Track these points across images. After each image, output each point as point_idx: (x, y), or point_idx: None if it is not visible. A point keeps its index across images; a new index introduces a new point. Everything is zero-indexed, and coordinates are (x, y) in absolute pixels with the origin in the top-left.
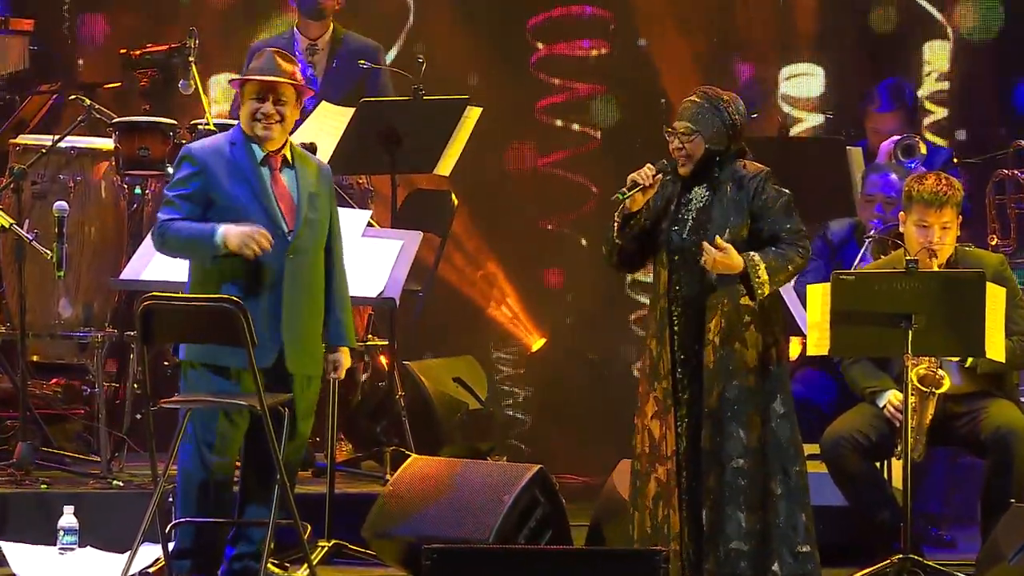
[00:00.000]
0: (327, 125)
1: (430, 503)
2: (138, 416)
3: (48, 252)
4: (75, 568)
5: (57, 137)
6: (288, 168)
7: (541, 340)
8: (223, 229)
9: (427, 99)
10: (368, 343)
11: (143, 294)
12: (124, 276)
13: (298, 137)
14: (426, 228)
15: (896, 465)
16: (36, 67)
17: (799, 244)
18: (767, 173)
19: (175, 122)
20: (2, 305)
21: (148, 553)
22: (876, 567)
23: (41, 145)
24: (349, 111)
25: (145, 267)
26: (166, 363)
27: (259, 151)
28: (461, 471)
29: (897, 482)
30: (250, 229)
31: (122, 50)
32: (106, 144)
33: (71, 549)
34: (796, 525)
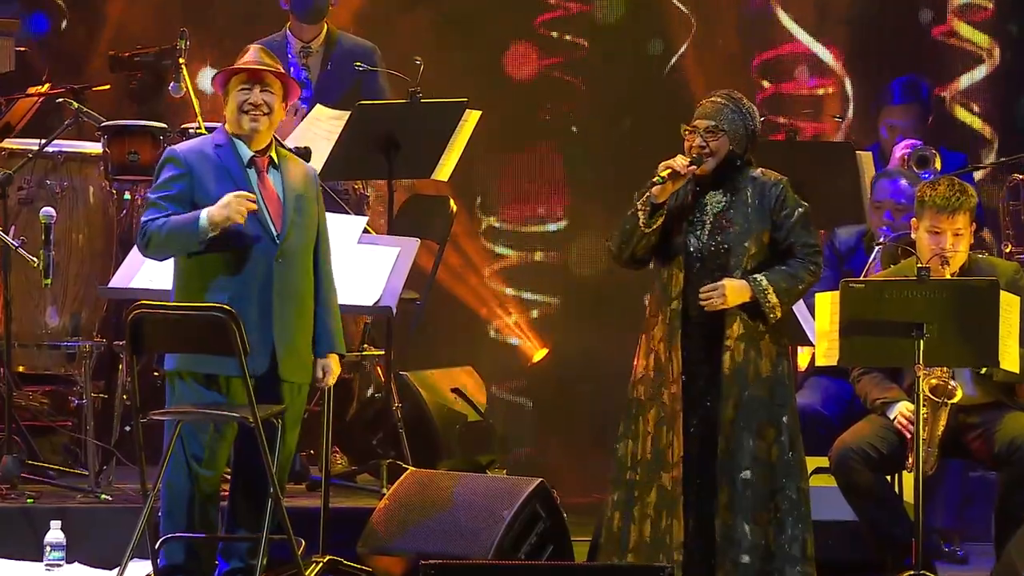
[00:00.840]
0: (322, 129)
1: (428, 518)
2: (127, 428)
3: (35, 260)
4: None
5: (44, 141)
6: (274, 169)
7: (543, 350)
8: (206, 211)
9: (425, 102)
10: (364, 353)
11: (132, 302)
12: (113, 284)
13: (292, 141)
14: (424, 234)
15: (907, 478)
16: (22, 69)
17: (812, 261)
18: (787, 182)
19: (165, 126)
20: None
21: (137, 569)
22: None
23: (28, 149)
24: (344, 115)
25: (134, 275)
26: (156, 374)
27: (246, 152)
28: (459, 485)
29: (908, 496)
30: (227, 197)
31: (111, 51)
32: (94, 148)
33: (58, 565)
34: (799, 544)
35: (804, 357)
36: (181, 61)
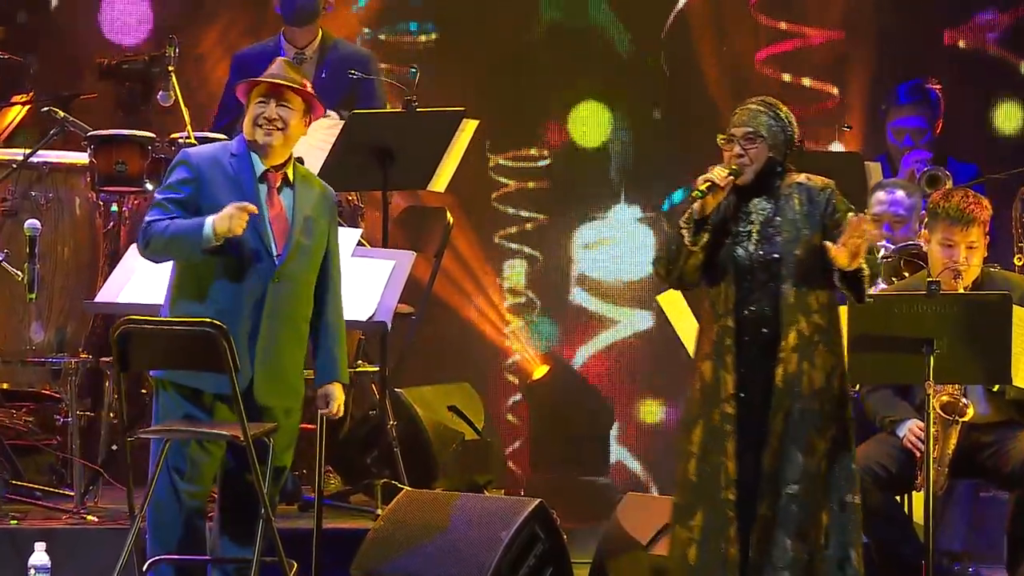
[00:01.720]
0: (315, 139)
1: (423, 539)
2: (114, 447)
3: (19, 273)
4: None
5: (29, 151)
6: (288, 187)
7: (544, 367)
8: (211, 219)
9: (421, 111)
10: (358, 369)
11: (119, 318)
12: (99, 299)
13: None
14: (420, 247)
15: (917, 498)
16: (5, 77)
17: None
18: (835, 186)
19: (154, 135)
20: None
21: None
22: None
23: (11, 160)
24: (338, 124)
25: (121, 289)
26: (143, 391)
27: (259, 165)
28: (456, 505)
29: (918, 516)
30: (228, 207)
31: (98, 59)
32: (81, 159)
33: None
34: (846, 560)
35: None
36: (170, 69)
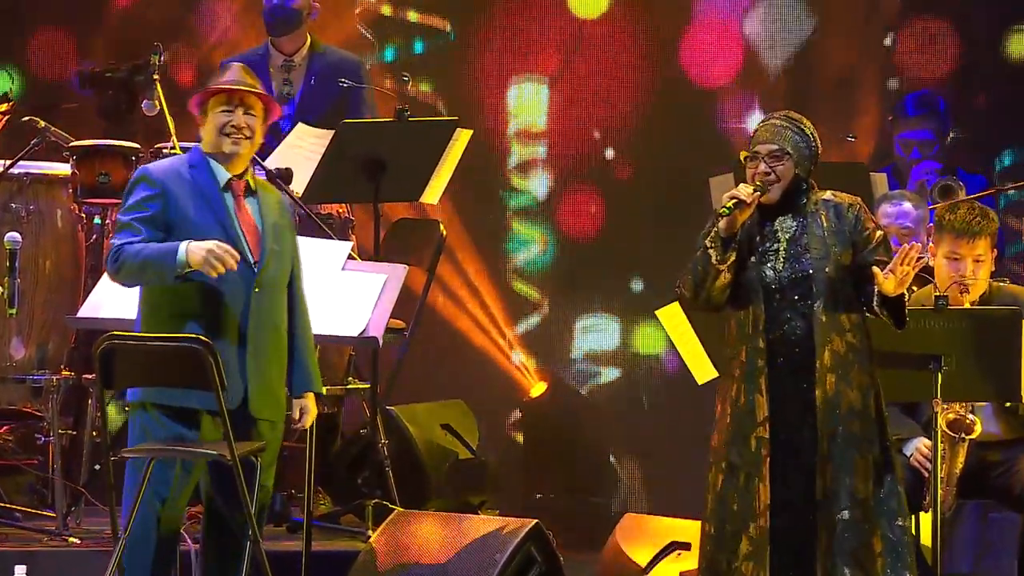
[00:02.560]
0: (304, 149)
1: (416, 562)
2: (96, 467)
3: None
4: None
5: (9, 162)
6: (251, 196)
7: (542, 384)
8: (185, 244)
9: (413, 121)
10: (349, 387)
11: (102, 333)
12: (82, 314)
13: (272, 162)
14: (412, 260)
15: (924, 519)
16: None
17: None
18: (862, 202)
19: (138, 146)
20: None
21: None
22: None
23: None
24: (328, 133)
25: (104, 304)
26: (127, 409)
27: (223, 175)
28: (450, 526)
29: (925, 538)
30: (214, 244)
31: (80, 67)
32: (62, 170)
33: None
34: None
35: None
36: (155, 77)
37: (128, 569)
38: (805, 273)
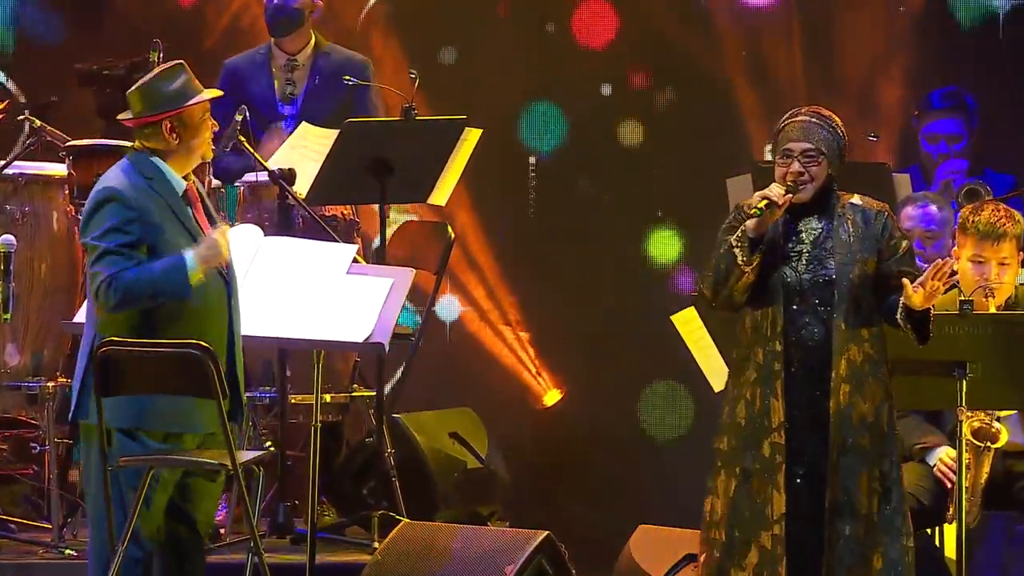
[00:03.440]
0: (308, 149)
1: (423, 574)
2: None
3: None
4: None
5: (3, 162)
6: (199, 202)
7: (555, 392)
8: (189, 255)
9: (420, 120)
10: (354, 394)
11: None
12: (78, 319)
13: (276, 162)
14: (419, 264)
15: (948, 532)
16: None
17: None
18: (890, 210)
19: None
20: None
21: None
22: None
23: None
24: (333, 133)
25: None
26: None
27: (179, 183)
28: (458, 538)
29: (950, 551)
30: (205, 242)
31: (78, 64)
32: (59, 170)
33: None
34: None
35: None
36: None
37: None
38: (828, 278)
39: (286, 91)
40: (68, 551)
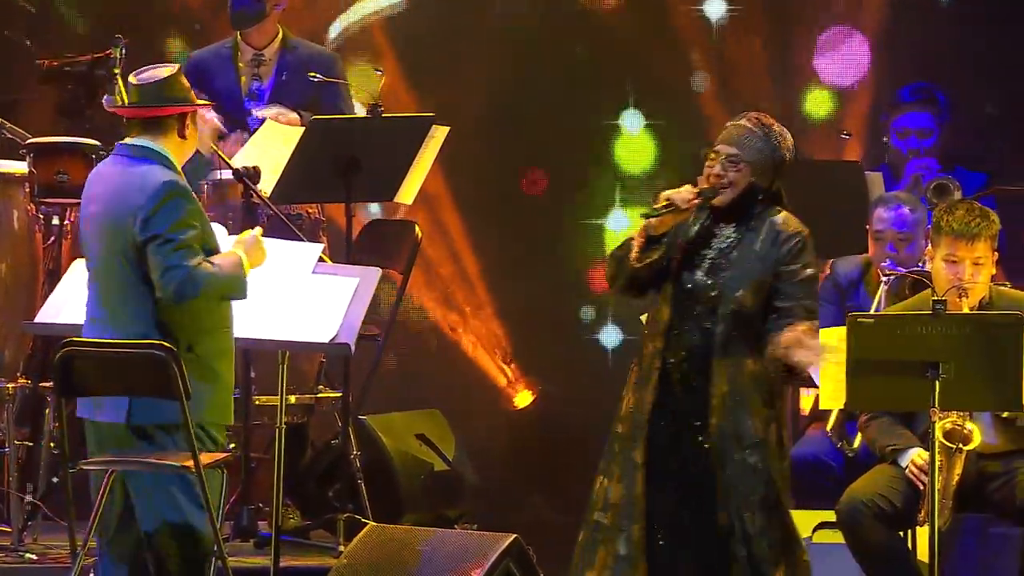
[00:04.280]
0: (273, 147)
1: None
2: (54, 479)
3: None
4: None
5: None
6: None
7: (527, 393)
8: (241, 252)
9: (387, 117)
10: (319, 395)
11: (61, 339)
12: (39, 319)
13: (240, 160)
14: (385, 263)
15: (921, 534)
16: None
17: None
18: (807, 236)
19: (98, 143)
20: None
21: None
22: None
23: None
24: (298, 131)
25: (63, 309)
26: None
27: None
28: (425, 541)
29: (923, 554)
30: (251, 237)
31: (39, 60)
32: (19, 168)
33: None
34: None
35: (808, 400)
36: (116, 71)
37: None
38: (716, 289)
39: (252, 87)
40: (28, 555)
